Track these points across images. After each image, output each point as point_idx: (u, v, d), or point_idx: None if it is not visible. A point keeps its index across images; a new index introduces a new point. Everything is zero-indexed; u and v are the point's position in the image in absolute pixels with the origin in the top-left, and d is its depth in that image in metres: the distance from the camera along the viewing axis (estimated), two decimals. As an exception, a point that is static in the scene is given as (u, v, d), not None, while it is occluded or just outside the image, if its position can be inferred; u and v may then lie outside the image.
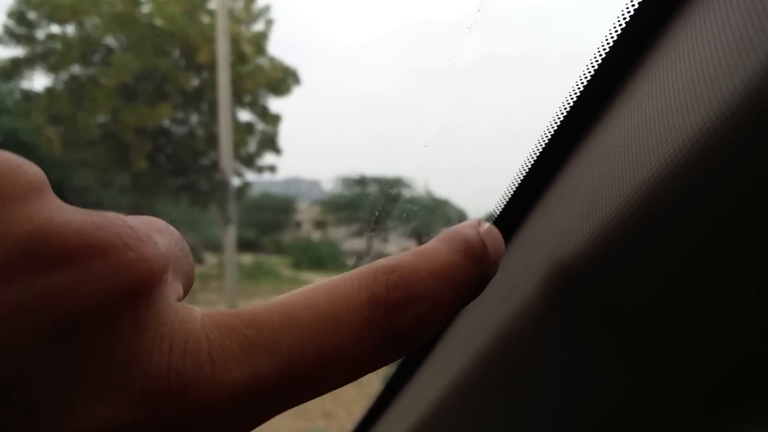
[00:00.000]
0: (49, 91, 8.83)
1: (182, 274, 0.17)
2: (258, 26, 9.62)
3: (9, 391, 0.13)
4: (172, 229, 0.18)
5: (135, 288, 0.14)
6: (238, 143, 9.40)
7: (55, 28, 8.77)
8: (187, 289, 0.18)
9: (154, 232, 0.16)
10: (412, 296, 0.17)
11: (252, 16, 9.54)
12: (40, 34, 8.78)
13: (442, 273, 0.18)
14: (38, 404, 0.13)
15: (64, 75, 8.92)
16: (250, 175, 10.55)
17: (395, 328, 0.17)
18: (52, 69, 8.76)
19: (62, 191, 0.18)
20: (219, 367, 0.15)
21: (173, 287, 0.16)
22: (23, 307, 0.13)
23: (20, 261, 0.13)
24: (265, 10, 9.58)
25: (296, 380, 0.16)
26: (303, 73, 9.85)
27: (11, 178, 0.14)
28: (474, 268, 0.19)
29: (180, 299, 0.16)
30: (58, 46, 8.77)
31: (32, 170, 0.14)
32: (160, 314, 0.15)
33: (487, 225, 0.21)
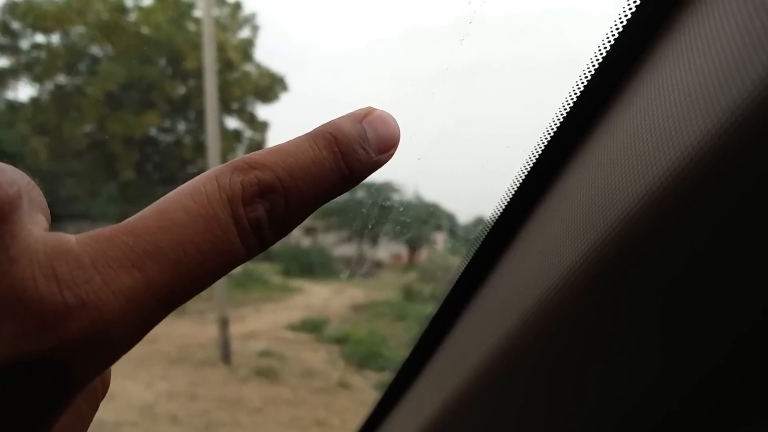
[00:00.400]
0: (35, 101, 8.76)
1: (38, 205, 0.17)
2: (244, 33, 9.62)
3: None
4: (11, 167, 0.18)
5: None
6: (226, 151, 9.35)
7: (39, 38, 8.72)
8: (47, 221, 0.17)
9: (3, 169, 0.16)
10: (264, 192, 0.18)
11: (238, 23, 9.52)
12: (25, 44, 8.72)
13: (299, 171, 0.19)
14: None
15: (49, 85, 8.86)
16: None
17: (253, 221, 0.18)
18: (37, 79, 8.69)
19: (49, 202, 0.18)
20: (109, 276, 0.15)
21: (32, 217, 0.16)
22: None
23: None
24: (251, 17, 9.57)
25: (184, 278, 0.16)
26: (291, 80, 9.84)
27: None
28: (341, 167, 0.20)
29: (46, 230, 0.16)
30: (43, 55, 8.71)
31: None
32: (28, 242, 0.14)
33: (377, 113, 0.21)
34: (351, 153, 0.20)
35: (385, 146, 0.21)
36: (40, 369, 0.14)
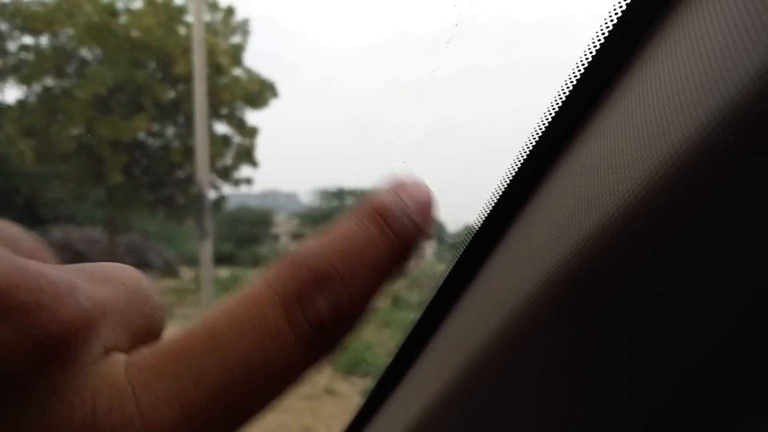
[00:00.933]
0: (22, 104, 8.68)
1: (128, 324, 0.16)
2: (235, 38, 9.61)
3: None
4: (130, 275, 0.17)
5: (47, 351, 0.13)
6: (215, 156, 9.34)
7: (27, 39, 8.66)
8: (142, 336, 0.16)
9: (97, 283, 0.16)
10: (321, 284, 0.16)
11: (230, 29, 9.52)
12: (12, 45, 8.66)
13: (352, 251, 0.17)
14: None
15: (37, 87, 8.79)
16: (227, 188, 10.49)
17: (313, 320, 0.16)
18: (25, 81, 8.63)
19: (35, 205, 0.18)
20: (149, 414, 0.14)
21: (106, 338, 0.15)
22: None
23: None
24: (244, 23, 9.57)
25: (228, 405, 0.15)
26: (281, 84, 9.84)
27: None
28: (391, 237, 0.18)
29: (120, 350, 0.15)
30: (30, 57, 8.65)
31: None
32: (78, 374, 0.14)
33: (406, 180, 0.20)
34: (395, 220, 0.19)
35: (424, 209, 0.20)
36: None
